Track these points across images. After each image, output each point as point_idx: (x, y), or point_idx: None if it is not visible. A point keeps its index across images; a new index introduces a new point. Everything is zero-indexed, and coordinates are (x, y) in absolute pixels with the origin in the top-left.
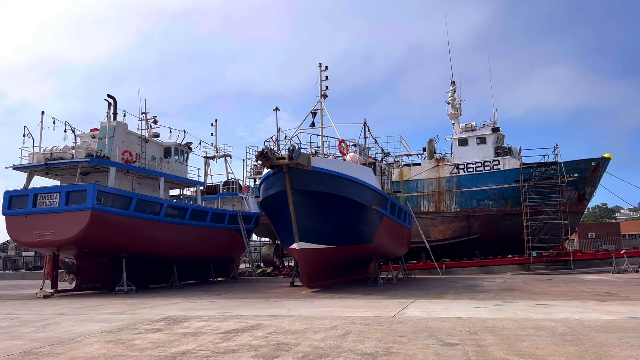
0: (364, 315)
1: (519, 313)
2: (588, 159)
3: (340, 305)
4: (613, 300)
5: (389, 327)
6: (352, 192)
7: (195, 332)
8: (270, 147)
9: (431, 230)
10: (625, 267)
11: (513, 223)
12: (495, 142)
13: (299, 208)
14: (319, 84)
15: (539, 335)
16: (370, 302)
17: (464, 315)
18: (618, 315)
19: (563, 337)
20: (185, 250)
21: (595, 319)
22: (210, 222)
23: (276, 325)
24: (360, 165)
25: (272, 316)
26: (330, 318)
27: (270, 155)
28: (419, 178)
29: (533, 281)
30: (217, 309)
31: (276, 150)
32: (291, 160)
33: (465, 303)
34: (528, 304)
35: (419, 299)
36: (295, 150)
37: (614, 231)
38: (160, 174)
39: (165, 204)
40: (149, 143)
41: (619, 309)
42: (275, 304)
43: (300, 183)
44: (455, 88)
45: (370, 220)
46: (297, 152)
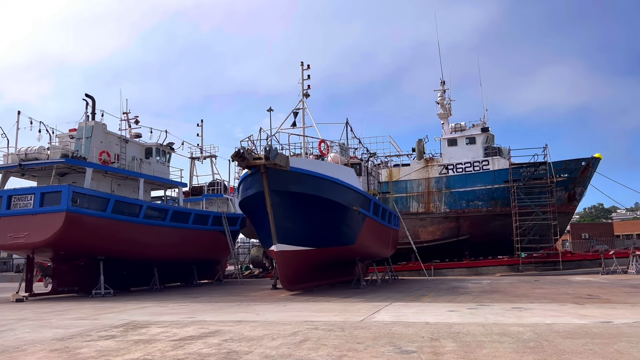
0: (330, 320)
1: (490, 317)
2: (578, 159)
3: (311, 310)
4: (592, 303)
5: (351, 334)
6: (333, 193)
7: (149, 339)
8: (247, 147)
9: (420, 231)
10: (614, 268)
11: (503, 224)
12: (485, 142)
13: (277, 209)
14: (300, 83)
15: (502, 341)
16: (344, 306)
17: (433, 320)
18: (591, 319)
19: (526, 344)
20: (167, 252)
21: (565, 323)
22: (192, 224)
23: (235, 332)
24: (342, 166)
25: (236, 321)
26: (294, 323)
27: (247, 155)
28: (408, 179)
29: (519, 283)
30: (184, 314)
31: (253, 150)
32: (268, 161)
33: (440, 306)
34: (504, 307)
35: (396, 302)
36: (272, 150)
37: (607, 232)
38: (140, 175)
39: (145, 205)
40: (129, 143)
41: (594, 312)
42: (247, 308)
43: (278, 184)
44: (445, 88)
45: (351, 221)
46: (273, 152)
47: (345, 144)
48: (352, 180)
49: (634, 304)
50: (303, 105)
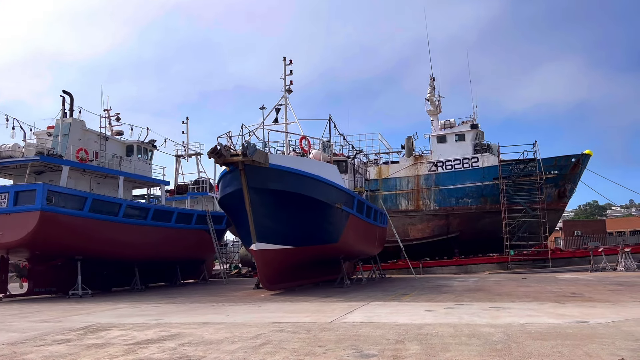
0: (299, 321)
1: (465, 317)
2: (568, 156)
3: (285, 310)
4: (573, 302)
5: (315, 336)
6: (314, 191)
7: (103, 343)
8: (223, 143)
9: (410, 229)
10: (603, 265)
11: (492, 221)
12: (474, 139)
13: (257, 207)
14: (282, 78)
15: (469, 343)
16: (320, 306)
17: (405, 321)
18: (567, 319)
19: (493, 346)
20: (149, 252)
21: (540, 324)
22: (175, 223)
23: (196, 335)
24: (323, 163)
25: (202, 323)
26: (261, 325)
27: (224, 152)
28: (398, 176)
29: (506, 281)
30: (153, 315)
31: (231, 146)
32: (245, 157)
33: (418, 306)
34: (482, 306)
35: (374, 302)
36: (250, 146)
37: (600, 229)
38: (120, 173)
39: (125, 204)
40: (109, 141)
41: (573, 312)
42: (219, 309)
43: (257, 181)
44: (435, 85)
45: (334, 219)
46: (251, 149)
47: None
48: (335, 178)
49: (615, 303)
50: (285, 101)
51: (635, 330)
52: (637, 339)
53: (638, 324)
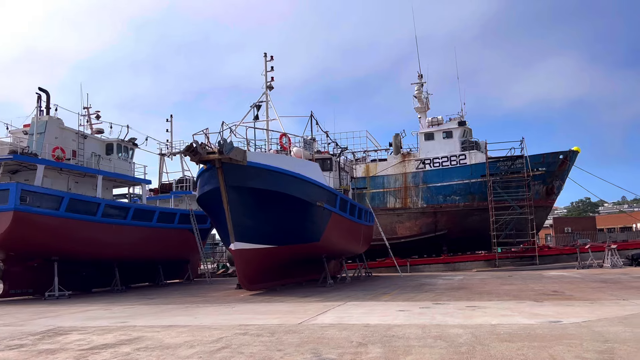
0: (267, 323)
1: (437, 317)
2: (556, 152)
3: (257, 312)
4: (552, 300)
5: (278, 339)
6: (294, 189)
7: (57, 348)
8: (199, 141)
9: (398, 227)
10: (590, 262)
11: (480, 219)
12: (462, 136)
13: (235, 206)
14: (264, 74)
15: (433, 346)
16: (295, 307)
17: (376, 322)
18: (541, 319)
19: (457, 349)
20: (129, 252)
21: (512, 324)
22: (157, 222)
23: (157, 339)
24: (304, 160)
25: (166, 326)
26: (226, 328)
27: (200, 149)
28: (385, 174)
29: (492, 279)
30: (120, 318)
31: (207, 144)
32: (222, 155)
33: (394, 305)
34: (459, 305)
35: (352, 301)
36: (227, 144)
37: (590, 225)
38: (98, 172)
39: (103, 203)
40: (88, 139)
41: (549, 311)
42: (191, 311)
43: (235, 179)
44: (424, 82)
45: (315, 217)
46: (228, 146)
47: (313, 139)
48: (316, 175)
49: (595, 301)
50: (267, 97)
51: (607, 330)
52: (606, 340)
53: (611, 323)
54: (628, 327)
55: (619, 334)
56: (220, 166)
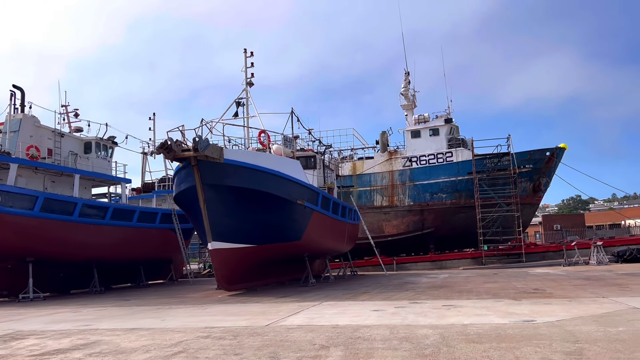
0: (234, 325)
1: (409, 317)
2: (542, 149)
3: (228, 313)
4: (531, 298)
5: (239, 342)
6: (272, 186)
7: (7, 354)
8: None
9: (385, 225)
10: (576, 259)
11: (467, 216)
12: (449, 134)
13: (211, 205)
14: (243, 71)
15: (397, 348)
16: (268, 307)
17: (345, 322)
18: (515, 318)
19: (421, 351)
20: (108, 252)
21: (484, 324)
22: (137, 222)
23: (113, 344)
24: (284, 158)
25: (129, 330)
26: (190, 331)
27: (174, 147)
28: (372, 172)
29: (476, 276)
30: (85, 321)
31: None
32: (197, 152)
33: (370, 305)
34: (435, 304)
35: (329, 301)
36: (202, 141)
37: (579, 223)
38: (75, 171)
39: (80, 202)
40: (65, 138)
41: (524, 309)
42: (161, 313)
43: (212, 177)
44: (410, 79)
45: (296, 216)
46: (204, 143)
47: (297, 137)
48: (297, 173)
49: (573, 299)
50: (247, 94)
51: (579, 330)
52: (576, 340)
53: (585, 322)
54: (601, 327)
55: (590, 334)
56: (196, 164)
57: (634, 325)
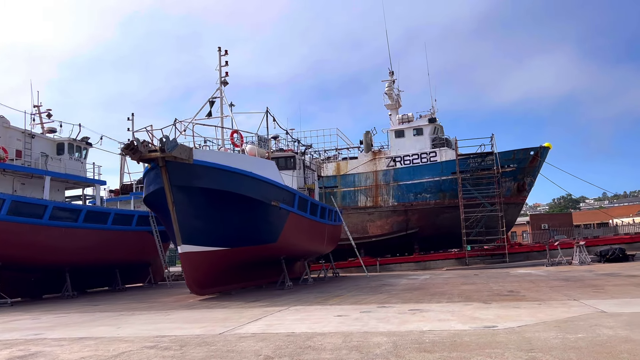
0: (188, 333)
1: (370, 323)
2: (526, 149)
3: (188, 320)
4: (501, 301)
5: (183, 353)
6: (245, 188)
7: None
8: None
9: (369, 225)
10: (559, 259)
11: (452, 216)
12: (433, 133)
13: (181, 207)
14: (218, 69)
15: (344, 359)
16: (232, 313)
17: (302, 330)
18: (478, 323)
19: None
20: (81, 256)
21: (443, 330)
22: (112, 225)
23: (52, 355)
24: (257, 158)
25: (77, 339)
26: (139, 340)
27: (141, 148)
28: (356, 172)
29: (457, 278)
30: (36, 330)
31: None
32: (164, 153)
33: (336, 310)
34: (402, 309)
35: (297, 306)
36: (170, 141)
37: (567, 222)
38: (46, 173)
39: (51, 205)
40: (36, 139)
41: (490, 314)
42: (120, 320)
43: (181, 179)
44: (395, 79)
45: (271, 217)
46: (171, 144)
47: (276, 137)
48: (271, 174)
49: (544, 302)
50: (221, 93)
51: (538, 336)
52: (531, 349)
53: (547, 328)
54: (561, 333)
55: (548, 341)
56: (164, 165)
57: (594, 331)
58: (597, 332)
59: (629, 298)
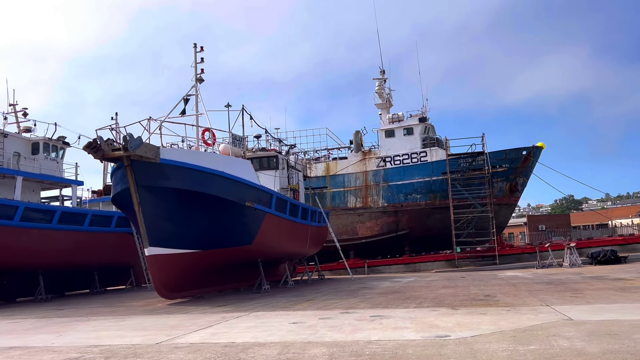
0: (122, 343)
1: (320, 332)
2: (518, 149)
3: (137, 327)
4: (471, 307)
5: None
6: (216, 188)
7: None
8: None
9: (359, 226)
10: (550, 261)
11: (443, 217)
12: (423, 133)
13: (148, 208)
14: (193, 66)
15: None
16: (187, 320)
17: (245, 340)
18: (431, 333)
19: None
20: (56, 258)
21: (391, 340)
22: (90, 226)
23: None
24: (231, 157)
25: (8, 348)
26: (68, 350)
27: (104, 146)
28: (346, 172)
29: (441, 280)
30: None
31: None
32: (127, 152)
33: (296, 316)
34: (364, 315)
35: (260, 311)
36: (133, 139)
37: (564, 223)
38: (17, 173)
39: (22, 206)
40: (9, 138)
41: (451, 321)
42: (68, 326)
43: (147, 178)
44: (386, 78)
45: (245, 219)
46: (135, 142)
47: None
48: (245, 174)
49: (515, 307)
50: (196, 90)
51: (487, 348)
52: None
53: (501, 338)
54: (513, 344)
55: (495, 354)
56: (129, 164)
57: (549, 342)
58: (551, 343)
59: (604, 304)
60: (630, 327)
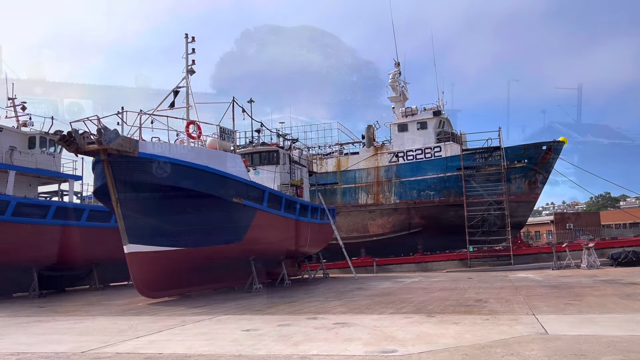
0: (50, 350)
1: (261, 343)
2: (538, 144)
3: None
4: (449, 315)
5: None
6: (199, 183)
7: None
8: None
9: (369, 224)
10: (567, 262)
11: (457, 215)
12: (438, 127)
13: (127, 204)
14: (184, 57)
15: None
16: (141, 323)
17: (174, 350)
18: (382, 346)
19: None
20: (51, 254)
21: (330, 355)
22: (87, 221)
23: None
24: (219, 152)
25: None
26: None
27: (79, 140)
28: (357, 168)
29: (446, 281)
30: None
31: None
32: (101, 145)
33: (261, 321)
34: (327, 323)
35: (228, 315)
36: (108, 132)
37: (594, 221)
38: (10, 167)
39: (14, 201)
40: (4, 132)
41: (413, 332)
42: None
43: (124, 173)
44: (400, 70)
45: (233, 215)
46: (110, 135)
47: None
48: (234, 169)
49: (495, 316)
50: (187, 82)
51: None
52: None
53: (450, 356)
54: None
55: None
56: (106, 158)
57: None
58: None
59: (596, 314)
60: (606, 345)
